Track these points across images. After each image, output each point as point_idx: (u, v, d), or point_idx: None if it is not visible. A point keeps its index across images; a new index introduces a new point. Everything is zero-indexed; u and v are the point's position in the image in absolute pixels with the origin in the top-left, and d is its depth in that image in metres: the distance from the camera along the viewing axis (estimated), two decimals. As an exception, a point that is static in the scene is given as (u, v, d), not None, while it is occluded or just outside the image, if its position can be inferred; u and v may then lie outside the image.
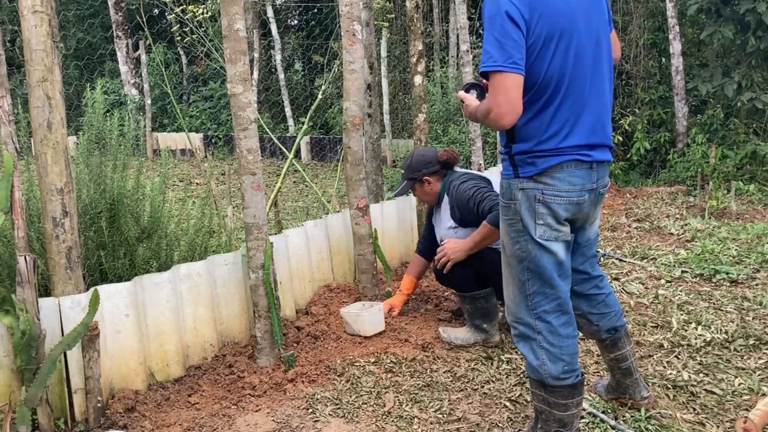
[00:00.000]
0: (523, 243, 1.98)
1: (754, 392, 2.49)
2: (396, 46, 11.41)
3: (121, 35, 13.92)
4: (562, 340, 1.99)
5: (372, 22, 5.04)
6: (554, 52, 1.87)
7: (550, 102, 1.91)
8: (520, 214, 1.97)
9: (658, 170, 7.84)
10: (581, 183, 1.95)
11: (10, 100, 2.21)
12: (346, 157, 3.48)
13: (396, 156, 9.93)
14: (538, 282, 1.99)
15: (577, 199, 1.96)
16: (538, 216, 1.94)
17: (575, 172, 1.94)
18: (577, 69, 1.91)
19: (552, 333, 1.99)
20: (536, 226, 1.95)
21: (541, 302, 1.99)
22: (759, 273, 3.88)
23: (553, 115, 1.91)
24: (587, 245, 2.16)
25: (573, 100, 1.92)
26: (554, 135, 1.91)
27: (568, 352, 2.00)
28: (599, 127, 1.99)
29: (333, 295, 3.46)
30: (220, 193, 6.55)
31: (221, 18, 2.66)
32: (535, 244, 1.96)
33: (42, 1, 2.28)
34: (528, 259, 1.98)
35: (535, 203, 1.94)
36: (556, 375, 1.98)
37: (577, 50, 1.90)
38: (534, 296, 2.00)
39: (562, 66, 1.88)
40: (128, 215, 2.91)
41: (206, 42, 6.18)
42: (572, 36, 1.88)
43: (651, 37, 8.64)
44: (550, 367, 1.99)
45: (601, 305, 2.23)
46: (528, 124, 1.93)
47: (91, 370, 2.30)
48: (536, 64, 1.86)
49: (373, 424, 2.33)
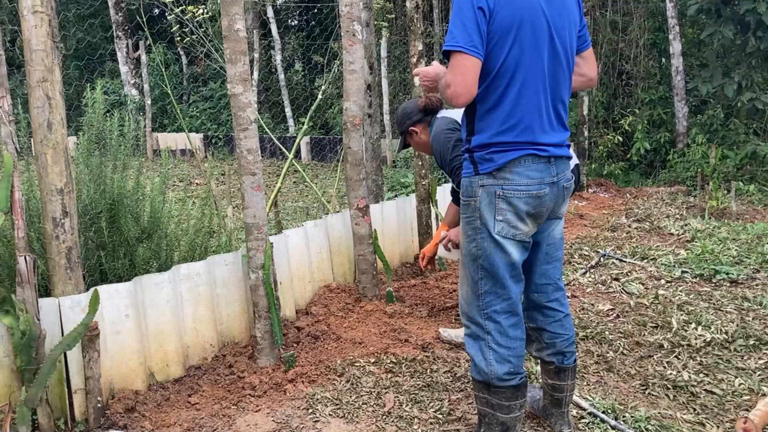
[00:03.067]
0: (480, 241, 2.01)
1: (754, 392, 2.49)
2: (396, 46, 11.41)
3: (121, 35, 13.92)
4: (511, 341, 2.01)
5: (372, 22, 5.04)
6: (513, 41, 1.91)
7: (507, 92, 1.95)
8: (480, 211, 2.00)
9: (658, 170, 7.84)
10: (540, 177, 1.98)
11: (10, 100, 2.21)
12: (346, 157, 3.48)
13: (396, 156, 9.93)
14: (491, 281, 2.01)
15: (537, 192, 1.98)
16: (498, 212, 1.97)
17: (532, 166, 1.97)
18: (535, 61, 1.94)
19: (501, 334, 2.01)
20: (495, 222, 1.98)
21: (492, 302, 2.02)
22: (759, 273, 3.88)
23: (511, 107, 1.95)
24: (552, 245, 2.15)
25: (531, 92, 1.96)
26: (512, 128, 1.95)
27: (515, 354, 2.02)
28: (557, 122, 2.03)
29: (333, 295, 3.46)
30: (220, 193, 6.56)
31: (221, 18, 2.66)
32: (491, 242, 1.99)
33: (42, 1, 2.29)
34: (483, 257, 2.01)
35: (496, 199, 1.97)
36: (501, 376, 2.00)
37: (536, 43, 1.94)
38: (486, 296, 2.03)
39: (520, 56, 1.93)
40: (128, 215, 2.91)
41: (206, 42, 6.18)
42: (533, 28, 1.93)
43: (651, 37, 8.65)
44: (497, 368, 2.00)
45: (557, 324, 2.19)
46: (487, 114, 1.97)
47: (91, 371, 2.30)
48: (495, 52, 1.91)
49: (373, 424, 2.33)
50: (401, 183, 7.61)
